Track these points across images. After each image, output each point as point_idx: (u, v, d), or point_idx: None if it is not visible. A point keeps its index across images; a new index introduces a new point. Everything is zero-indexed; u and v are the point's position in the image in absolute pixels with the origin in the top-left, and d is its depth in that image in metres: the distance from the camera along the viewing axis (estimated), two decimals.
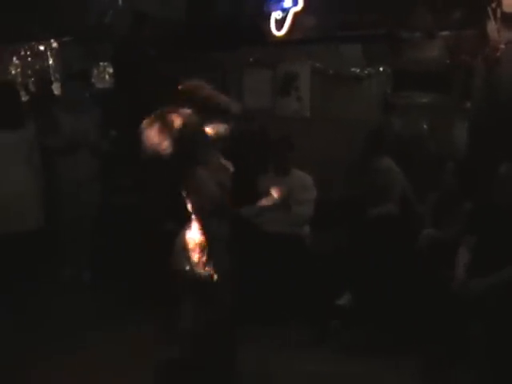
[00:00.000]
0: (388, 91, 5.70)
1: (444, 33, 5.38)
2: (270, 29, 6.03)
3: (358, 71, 5.76)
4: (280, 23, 5.96)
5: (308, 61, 5.94)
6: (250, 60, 6.15)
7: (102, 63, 6.48)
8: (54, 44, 6.65)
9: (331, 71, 5.85)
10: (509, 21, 4.87)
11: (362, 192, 5.02)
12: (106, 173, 5.49)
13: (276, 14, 5.97)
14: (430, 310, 3.92)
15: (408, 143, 5.46)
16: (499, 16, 4.87)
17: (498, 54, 4.88)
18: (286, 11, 5.90)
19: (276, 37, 6.01)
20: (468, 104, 5.27)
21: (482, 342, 3.65)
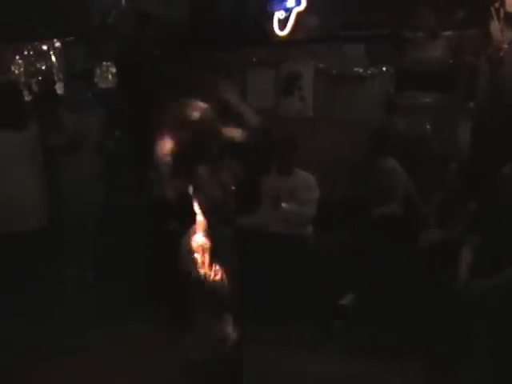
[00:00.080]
0: (391, 91, 5.69)
1: (447, 33, 5.38)
2: (273, 29, 6.00)
3: (361, 71, 5.75)
4: (283, 23, 5.94)
5: (311, 61, 5.93)
6: (253, 60, 6.13)
7: (104, 63, 6.47)
8: (57, 44, 6.65)
9: (334, 71, 5.84)
10: None
11: (366, 192, 5.02)
12: (110, 173, 5.49)
13: (279, 14, 5.95)
14: (434, 310, 3.92)
15: (412, 143, 5.45)
16: (502, 16, 4.85)
17: (502, 53, 4.86)
18: (289, 11, 5.88)
19: (279, 37, 5.98)
20: (471, 104, 5.25)
21: (486, 342, 3.65)
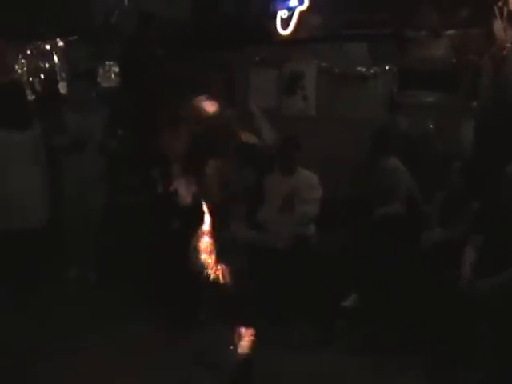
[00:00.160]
0: (394, 90, 5.68)
1: (450, 32, 5.36)
2: (275, 28, 5.99)
3: (364, 70, 5.74)
4: (286, 22, 5.93)
5: (314, 60, 5.92)
6: (256, 59, 6.14)
7: (108, 63, 6.47)
8: (61, 43, 6.64)
9: (337, 70, 5.84)
10: None
11: (369, 191, 5.01)
12: (113, 172, 5.50)
13: (282, 13, 5.94)
14: (437, 309, 3.92)
15: (414, 142, 5.44)
16: (505, 15, 4.83)
17: (505, 52, 4.85)
18: (291, 10, 5.87)
19: (282, 36, 5.97)
20: (474, 103, 5.23)
21: (489, 342, 3.65)
